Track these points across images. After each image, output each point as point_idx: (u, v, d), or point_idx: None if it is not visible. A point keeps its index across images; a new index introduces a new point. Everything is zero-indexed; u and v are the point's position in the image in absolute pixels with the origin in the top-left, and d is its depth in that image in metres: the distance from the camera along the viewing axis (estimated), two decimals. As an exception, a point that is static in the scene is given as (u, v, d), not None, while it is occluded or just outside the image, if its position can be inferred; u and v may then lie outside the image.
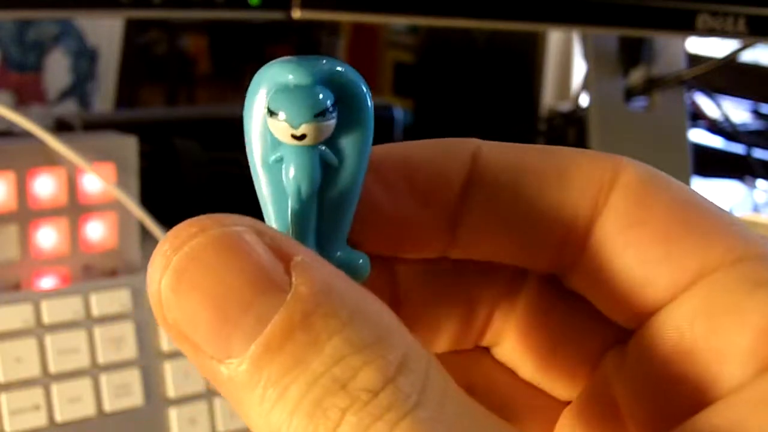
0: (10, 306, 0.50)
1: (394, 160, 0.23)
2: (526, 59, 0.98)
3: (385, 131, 0.88)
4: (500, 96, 0.98)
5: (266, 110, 0.21)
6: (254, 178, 0.22)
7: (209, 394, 0.55)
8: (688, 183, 0.81)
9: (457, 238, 0.24)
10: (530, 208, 0.23)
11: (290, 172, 0.21)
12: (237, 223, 0.19)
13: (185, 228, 0.19)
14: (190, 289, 0.19)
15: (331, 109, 0.21)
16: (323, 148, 0.22)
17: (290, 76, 0.21)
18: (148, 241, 0.59)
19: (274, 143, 0.22)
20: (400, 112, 0.88)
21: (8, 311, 0.50)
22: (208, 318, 0.19)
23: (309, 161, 0.21)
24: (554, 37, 1.11)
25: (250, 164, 0.22)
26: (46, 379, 0.50)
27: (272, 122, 0.21)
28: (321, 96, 0.21)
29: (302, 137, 0.21)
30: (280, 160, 0.22)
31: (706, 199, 0.23)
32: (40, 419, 0.50)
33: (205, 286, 0.19)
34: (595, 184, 0.23)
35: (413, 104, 1.03)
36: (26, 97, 1.13)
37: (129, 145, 0.59)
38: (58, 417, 0.50)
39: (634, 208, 0.23)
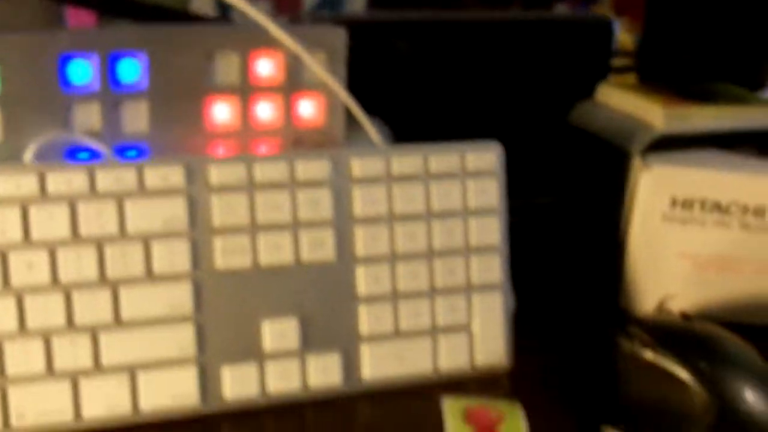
0: (229, 164, 0.59)
1: None
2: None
3: (601, 47, 0.89)
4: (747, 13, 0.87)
5: None
6: None
7: (393, 257, 0.62)
8: None
9: None
10: None
11: None
12: None
13: None
14: None
15: None
16: None
17: None
18: (351, 123, 0.67)
19: None
20: (617, 26, 0.87)
21: (227, 168, 0.58)
22: None
23: None
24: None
25: None
26: (254, 228, 0.59)
27: None
28: None
29: None
30: None
31: None
32: (246, 261, 0.58)
33: None
34: None
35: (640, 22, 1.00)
36: (284, 8, 1.24)
37: (339, 35, 0.66)
38: (262, 260, 0.59)
39: None
